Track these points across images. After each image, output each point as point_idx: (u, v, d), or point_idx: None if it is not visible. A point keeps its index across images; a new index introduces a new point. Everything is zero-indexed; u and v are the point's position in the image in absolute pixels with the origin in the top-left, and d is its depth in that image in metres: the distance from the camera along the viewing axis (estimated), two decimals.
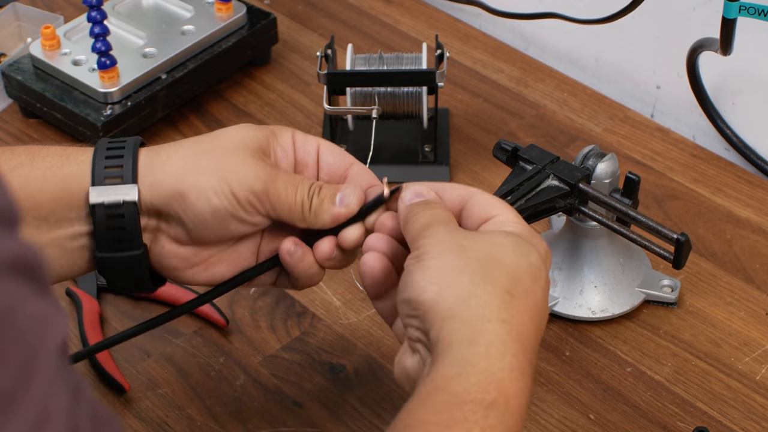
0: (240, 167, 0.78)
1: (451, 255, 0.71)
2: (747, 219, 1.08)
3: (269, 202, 0.78)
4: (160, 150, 0.80)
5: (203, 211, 0.77)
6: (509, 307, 0.70)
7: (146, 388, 0.95)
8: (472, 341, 0.68)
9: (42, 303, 0.50)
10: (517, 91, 1.23)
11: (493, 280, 0.70)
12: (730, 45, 1.04)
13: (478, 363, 0.67)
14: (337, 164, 0.82)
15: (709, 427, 0.91)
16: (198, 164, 0.78)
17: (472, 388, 0.66)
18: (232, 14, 1.23)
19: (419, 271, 0.71)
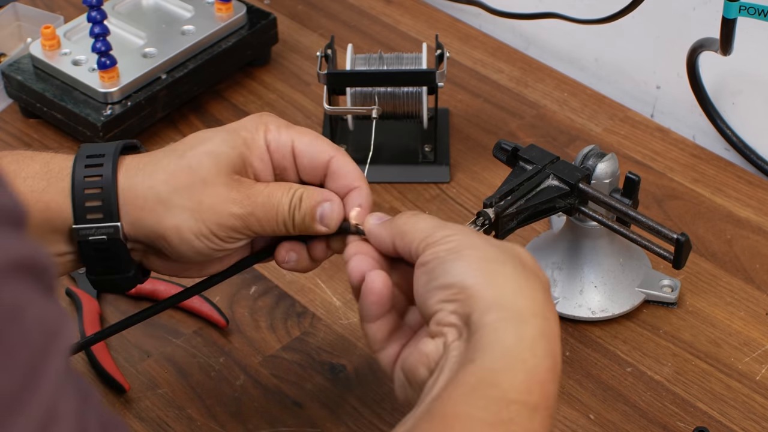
0: (215, 204, 0.77)
1: (487, 247, 0.70)
2: (747, 219, 1.08)
3: (251, 231, 0.78)
4: (137, 179, 0.78)
5: (185, 249, 0.78)
6: (549, 304, 0.69)
7: (146, 388, 0.95)
8: (520, 335, 0.66)
9: (50, 305, 0.50)
10: (517, 91, 1.23)
11: (530, 276, 0.70)
12: (730, 45, 1.04)
13: (526, 360, 0.65)
14: (313, 165, 0.79)
15: (709, 427, 0.91)
16: (173, 203, 0.77)
17: (520, 387, 0.65)
18: (232, 14, 1.23)
19: (459, 260, 0.69)
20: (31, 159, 0.79)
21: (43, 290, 0.50)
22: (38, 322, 0.49)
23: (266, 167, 0.79)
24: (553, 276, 1.00)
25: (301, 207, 0.78)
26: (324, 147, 0.79)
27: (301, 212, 0.77)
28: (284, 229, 0.78)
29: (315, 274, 1.04)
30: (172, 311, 1.01)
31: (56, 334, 0.50)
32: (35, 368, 0.48)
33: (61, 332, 0.51)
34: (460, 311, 0.68)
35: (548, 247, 1.02)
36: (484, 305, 0.67)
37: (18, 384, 0.47)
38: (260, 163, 0.79)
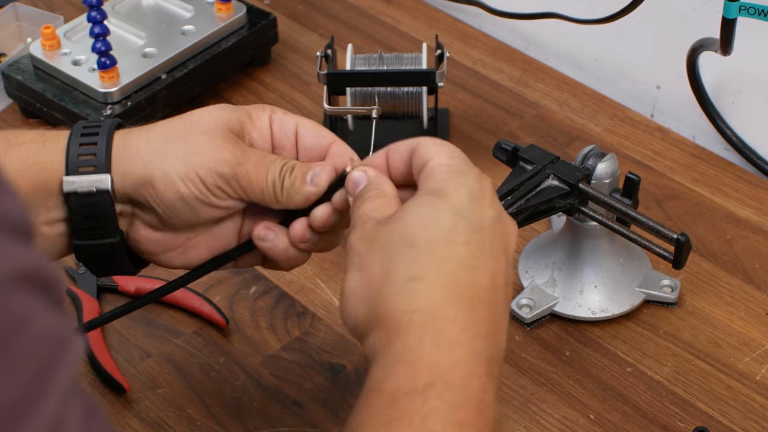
0: (208, 151, 0.76)
1: (358, 268, 0.71)
2: (747, 219, 1.08)
3: (239, 185, 0.77)
4: (133, 135, 0.78)
5: (171, 198, 0.76)
6: (418, 294, 0.68)
7: (146, 388, 0.95)
8: (390, 344, 0.67)
9: (57, 317, 0.50)
10: (517, 91, 1.23)
11: (395, 275, 0.69)
12: (730, 45, 1.04)
13: (400, 357, 0.66)
14: (316, 146, 0.80)
15: (709, 427, 0.91)
16: (167, 150, 0.77)
17: (402, 380, 0.65)
18: (232, 14, 1.23)
19: (341, 300, 0.71)
20: (27, 130, 0.80)
21: (50, 302, 0.50)
22: (45, 333, 0.49)
23: (265, 142, 0.80)
24: (553, 276, 1.00)
25: (293, 172, 0.77)
26: (326, 132, 0.80)
27: (291, 176, 0.77)
28: (272, 190, 0.77)
29: (315, 274, 1.04)
30: (173, 312, 1.01)
31: (63, 346, 0.50)
32: (42, 379, 0.48)
33: (69, 345, 0.50)
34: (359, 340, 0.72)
35: (548, 247, 1.02)
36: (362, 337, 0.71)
37: (24, 394, 0.47)
38: (259, 136, 0.79)
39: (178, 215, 0.77)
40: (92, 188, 0.77)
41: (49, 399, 0.48)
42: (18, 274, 0.48)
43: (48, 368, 0.49)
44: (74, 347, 0.51)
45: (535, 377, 0.95)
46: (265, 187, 0.77)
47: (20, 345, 0.47)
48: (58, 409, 0.49)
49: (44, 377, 0.48)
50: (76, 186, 0.77)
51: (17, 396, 0.47)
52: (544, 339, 0.98)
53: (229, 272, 1.04)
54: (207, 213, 0.78)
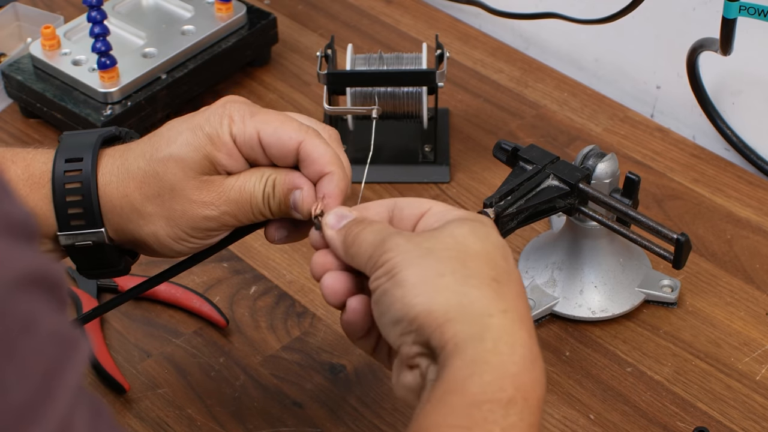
0: (187, 209, 0.76)
1: (423, 261, 0.68)
2: (747, 219, 1.08)
3: (228, 225, 0.77)
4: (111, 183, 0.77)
5: (169, 253, 0.78)
6: (503, 295, 0.67)
7: (146, 388, 0.95)
8: (480, 338, 0.65)
9: (63, 319, 0.50)
10: (517, 91, 1.23)
11: (475, 273, 0.67)
12: (730, 45, 1.04)
13: (489, 360, 0.64)
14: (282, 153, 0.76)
15: (709, 427, 0.91)
16: (147, 211, 0.77)
17: (488, 387, 0.64)
18: (232, 14, 1.23)
19: (398, 288, 0.67)
20: (12, 162, 0.78)
21: (55, 303, 0.50)
22: (52, 334, 0.49)
23: (236, 161, 0.76)
24: (553, 276, 1.00)
25: (275, 195, 0.76)
26: (290, 133, 0.75)
27: (275, 200, 0.76)
28: (262, 217, 0.77)
29: None
30: (173, 311, 1.01)
31: (71, 347, 0.50)
32: (50, 381, 0.48)
33: (76, 346, 0.51)
34: (420, 340, 0.67)
35: (548, 247, 1.02)
36: (436, 327, 0.66)
37: (33, 396, 0.48)
38: (228, 159, 0.76)
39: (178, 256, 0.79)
40: (89, 241, 0.78)
41: (57, 400, 0.48)
42: (24, 277, 0.48)
43: (56, 369, 0.49)
44: (81, 348, 0.51)
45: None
46: (254, 218, 0.77)
47: (28, 347, 0.48)
48: (67, 410, 0.49)
49: (52, 378, 0.48)
50: (72, 239, 0.78)
51: (26, 397, 0.47)
52: (544, 339, 0.98)
53: (229, 272, 1.04)
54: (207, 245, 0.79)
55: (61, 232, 0.77)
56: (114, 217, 0.78)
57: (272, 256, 1.05)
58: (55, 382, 0.49)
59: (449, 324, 0.65)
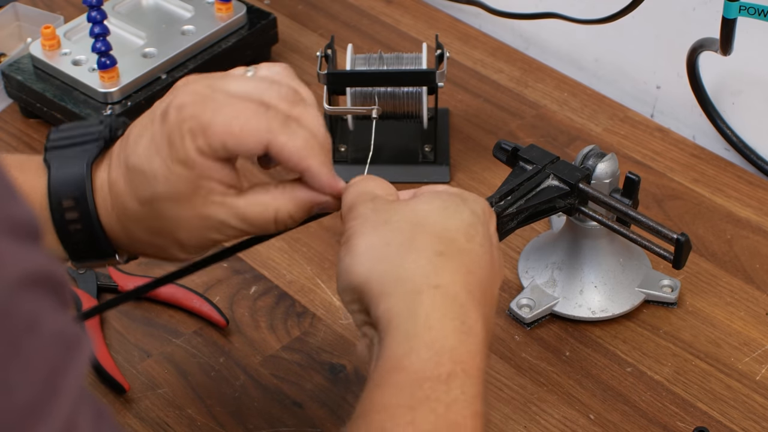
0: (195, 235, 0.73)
1: (375, 230, 0.69)
2: (747, 219, 1.08)
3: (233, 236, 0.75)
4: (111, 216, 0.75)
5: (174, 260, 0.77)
6: (441, 270, 0.67)
7: (146, 388, 0.95)
8: (411, 314, 0.66)
9: (66, 318, 0.51)
10: (517, 91, 1.23)
11: (419, 246, 0.68)
12: (730, 45, 1.04)
13: (423, 336, 0.65)
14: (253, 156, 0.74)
15: (709, 427, 0.91)
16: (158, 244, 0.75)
17: (426, 364, 0.64)
18: (232, 14, 1.23)
19: (348, 255, 0.68)
20: None
21: (58, 303, 0.50)
22: (56, 334, 0.49)
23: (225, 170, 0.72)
24: (553, 276, 1.00)
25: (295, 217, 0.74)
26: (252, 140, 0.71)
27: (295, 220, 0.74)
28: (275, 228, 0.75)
29: (315, 274, 1.04)
30: (173, 311, 1.01)
31: (74, 346, 0.50)
32: (54, 380, 0.49)
33: (79, 345, 0.51)
34: (362, 309, 0.68)
35: (548, 247, 1.02)
36: (375, 298, 0.67)
37: (38, 395, 0.48)
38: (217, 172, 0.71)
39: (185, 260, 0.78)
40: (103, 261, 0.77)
41: (62, 400, 0.49)
42: (28, 276, 0.48)
43: (60, 369, 0.49)
44: (84, 348, 0.51)
45: (535, 377, 0.95)
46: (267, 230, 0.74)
47: (33, 346, 0.48)
48: (71, 409, 0.49)
49: (56, 378, 0.49)
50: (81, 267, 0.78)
51: (31, 397, 0.47)
52: (544, 339, 0.99)
53: (229, 272, 1.04)
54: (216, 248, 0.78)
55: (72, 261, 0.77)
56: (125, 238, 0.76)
57: (272, 256, 1.05)
58: (59, 381, 0.49)
59: (383, 297, 0.66)
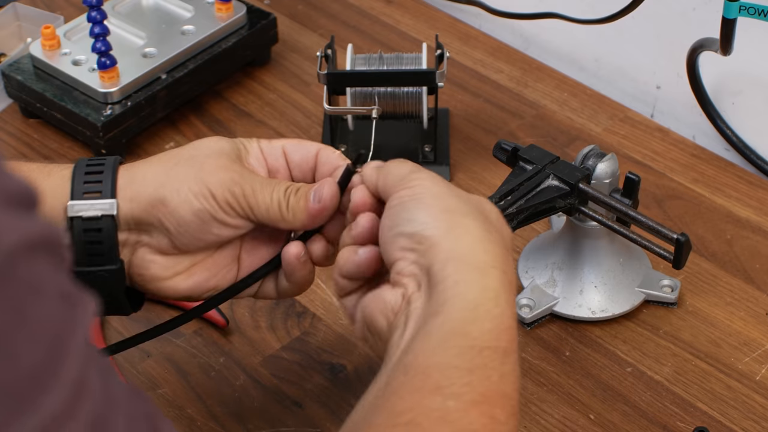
0: (217, 171, 0.79)
1: (451, 197, 0.71)
2: (747, 219, 1.08)
3: (247, 202, 0.78)
4: (137, 165, 0.81)
5: (185, 213, 0.78)
6: (507, 258, 0.71)
7: (146, 388, 0.95)
8: (484, 287, 0.68)
9: (66, 278, 0.52)
10: (517, 91, 1.23)
11: (494, 230, 0.71)
12: (730, 45, 1.04)
13: (490, 310, 0.68)
14: (304, 159, 0.83)
15: (709, 427, 0.91)
16: (177, 172, 0.79)
17: (489, 336, 0.67)
18: (232, 14, 1.23)
19: (422, 208, 0.71)
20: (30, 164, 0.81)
21: (58, 263, 0.51)
22: (59, 296, 0.51)
23: (261, 168, 0.82)
24: (553, 276, 1.00)
25: (297, 192, 0.79)
26: (310, 143, 0.83)
27: (296, 195, 0.79)
28: (277, 208, 0.79)
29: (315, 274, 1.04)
30: (174, 312, 1.01)
31: (78, 306, 0.52)
32: (61, 341, 0.50)
33: (83, 304, 0.52)
34: (421, 261, 0.70)
35: (548, 247, 1.02)
36: (444, 257, 0.69)
37: (47, 358, 0.49)
38: (256, 162, 0.82)
39: (188, 232, 0.79)
40: (98, 213, 0.78)
41: (70, 360, 0.50)
42: (26, 242, 0.49)
43: (66, 330, 0.50)
44: (87, 305, 0.53)
45: (535, 377, 0.95)
46: (271, 206, 0.79)
47: (38, 310, 0.49)
48: (80, 367, 0.51)
49: (63, 339, 0.50)
50: (81, 211, 0.78)
51: (41, 360, 0.49)
52: (544, 339, 0.99)
53: None
54: (216, 230, 0.79)
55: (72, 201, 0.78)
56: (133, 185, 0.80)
57: None
58: (66, 342, 0.50)
59: (455, 262, 0.69)
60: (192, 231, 0.79)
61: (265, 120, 1.21)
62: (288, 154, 0.83)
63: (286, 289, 0.83)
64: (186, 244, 0.80)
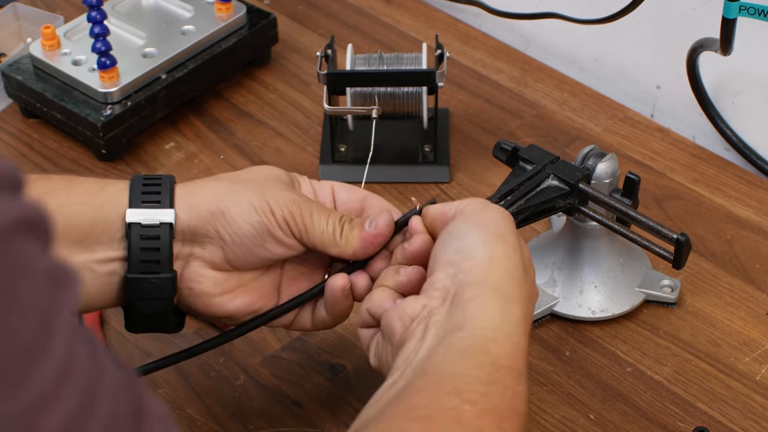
0: (277, 191, 0.81)
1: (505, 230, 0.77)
2: (747, 219, 1.08)
3: (303, 223, 0.81)
4: (195, 181, 0.84)
5: (243, 224, 0.80)
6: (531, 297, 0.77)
7: None
8: (506, 312, 0.73)
9: (52, 257, 0.53)
10: (517, 91, 1.23)
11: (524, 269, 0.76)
12: (730, 45, 1.04)
13: (511, 334, 0.72)
14: (351, 199, 0.86)
15: (709, 427, 0.91)
16: (237, 188, 0.82)
17: (506, 356, 0.71)
18: (232, 14, 1.23)
19: (475, 232, 0.76)
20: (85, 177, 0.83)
21: (44, 243, 0.53)
22: (46, 274, 0.52)
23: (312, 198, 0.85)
24: (553, 276, 1.00)
25: (352, 222, 0.83)
26: (360, 189, 0.87)
27: (351, 224, 0.82)
28: (332, 233, 0.81)
29: None
30: None
31: (64, 285, 0.53)
32: (49, 319, 0.51)
33: (69, 283, 0.53)
34: (458, 278, 0.74)
35: (548, 247, 1.02)
36: (479, 279, 0.73)
37: (35, 335, 0.50)
38: (307, 193, 0.85)
39: (244, 244, 0.81)
40: (156, 220, 0.80)
41: (57, 337, 0.51)
42: (12, 222, 0.50)
43: (53, 306, 0.51)
44: (73, 282, 0.54)
45: (535, 377, 0.95)
46: (326, 231, 0.81)
47: (27, 289, 0.50)
48: (67, 343, 0.52)
49: (50, 317, 0.51)
50: (139, 217, 0.80)
51: (29, 337, 0.50)
52: (544, 339, 0.99)
53: None
54: (270, 247, 0.81)
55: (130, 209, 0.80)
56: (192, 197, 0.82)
57: None
58: (53, 320, 0.51)
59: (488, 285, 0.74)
60: (247, 244, 0.81)
61: (265, 120, 1.21)
62: (336, 193, 0.86)
63: (323, 320, 0.85)
64: (238, 259, 0.81)
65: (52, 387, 0.51)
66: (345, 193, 0.86)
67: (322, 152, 1.15)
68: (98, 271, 0.80)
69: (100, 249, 0.80)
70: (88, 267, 0.80)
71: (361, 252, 0.82)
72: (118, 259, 0.80)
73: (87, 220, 0.79)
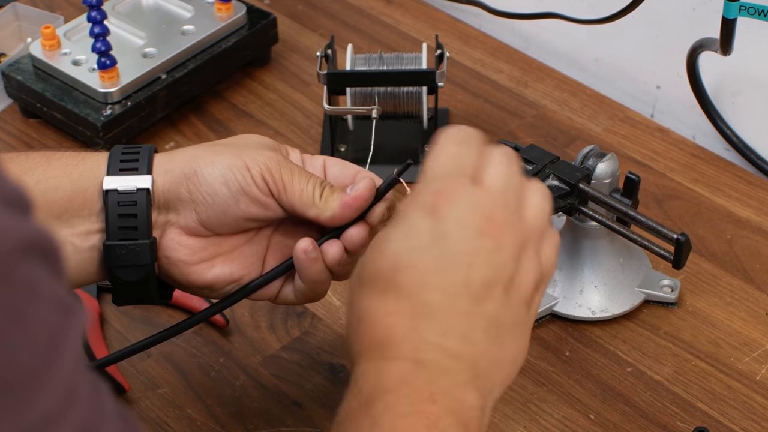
0: (257, 151, 0.80)
1: None
2: (747, 219, 1.08)
3: (282, 181, 0.79)
4: (175, 149, 0.83)
5: (214, 182, 0.79)
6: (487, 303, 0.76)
7: (146, 388, 0.95)
8: None
9: (61, 286, 0.52)
10: (517, 91, 1.23)
11: None
12: (730, 45, 1.04)
13: None
14: (343, 174, 0.84)
15: (709, 427, 0.91)
16: (215, 149, 0.81)
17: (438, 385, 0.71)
18: (232, 14, 1.23)
19: None
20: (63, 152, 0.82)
21: (53, 271, 0.51)
22: (53, 301, 0.50)
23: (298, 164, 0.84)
24: (553, 276, 1.00)
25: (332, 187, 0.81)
26: (352, 165, 0.85)
27: (332, 188, 0.80)
28: (311, 194, 0.79)
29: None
30: (172, 311, 1.01)
31: (71, 314, 0.52)
32: (54, 345, 0.50)
33: (75, 312, 0.52)
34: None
35: None
36: None
37: (39, 360, 0.49)
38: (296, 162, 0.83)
39: (216, 203, 0.79)
40: (132, 186, 0.79)
41: (62, 364, 0.50)
42: (23, 244, 0.49)
43: (58, 334, 0.50)
44: (79, 316, 0.52)
45: (535, 377, 0.95)
46: (305, 191, 0.79)
47: (33, 312, 0.49)
48: (71, 374, 0.51)
49: (56, 342, 0.50)
50: (115, 184, 0.79)
51: (33, 361, 0.49)
52: (544, 339, 0.99)
53: None
54: (243, 207, 0.79)
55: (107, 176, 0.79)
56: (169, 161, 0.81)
57: None
58: (59, 346, 0.50)
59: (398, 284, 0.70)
60: (219, 203, 0.79)
61: (265, 120, 1.21)
62: (327, 168, 0.84)
63: (302, 290, 0.83)
64: (212, 220, 0.80)
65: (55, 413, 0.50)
66: (337, 168, 0.84)
67: (322, 152, 1.15)
68: (80, 245, 0.79)
69: (79, 222, 0.79)
70: (70, 241, 0.79)
71: (340, 215, 0.80)
72: (99, 231, 0.79)
73: (66, 194, 0.79)
